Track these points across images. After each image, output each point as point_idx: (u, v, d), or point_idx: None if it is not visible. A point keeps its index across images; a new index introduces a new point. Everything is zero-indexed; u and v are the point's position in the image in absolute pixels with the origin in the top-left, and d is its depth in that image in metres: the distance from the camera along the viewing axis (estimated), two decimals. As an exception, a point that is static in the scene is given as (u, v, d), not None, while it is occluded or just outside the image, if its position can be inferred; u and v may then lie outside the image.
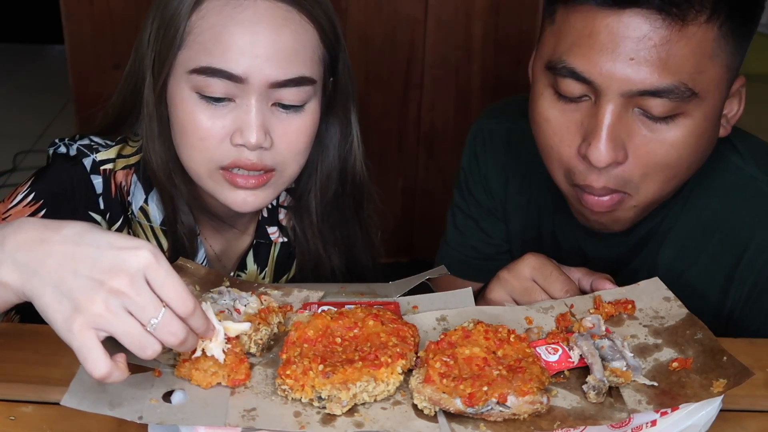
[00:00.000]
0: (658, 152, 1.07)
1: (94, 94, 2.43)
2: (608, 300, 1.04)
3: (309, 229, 1.32)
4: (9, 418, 0.94)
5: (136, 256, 0.80)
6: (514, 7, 2.27)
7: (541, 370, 0.89)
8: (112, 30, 2.38)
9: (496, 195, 1.40)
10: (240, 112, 1.13)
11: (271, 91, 1.13)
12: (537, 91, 1.14)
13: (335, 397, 0.86)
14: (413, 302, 1.06)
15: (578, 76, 1.05)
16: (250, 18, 1.11)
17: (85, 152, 1.20)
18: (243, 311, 0.98)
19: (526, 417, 0.86)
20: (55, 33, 2.88)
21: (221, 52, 1.11)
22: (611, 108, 1.05)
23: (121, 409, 0.84)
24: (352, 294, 1.08)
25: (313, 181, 1.30)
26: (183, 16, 1.13)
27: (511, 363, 0.89)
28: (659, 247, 1.24)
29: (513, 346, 0.91)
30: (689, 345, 0.97)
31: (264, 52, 1.11)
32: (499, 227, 1.42)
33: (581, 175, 1.11)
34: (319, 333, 0.93)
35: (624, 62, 1.02)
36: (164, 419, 0.84)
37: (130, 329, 0.80)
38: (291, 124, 1.16)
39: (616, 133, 1.06)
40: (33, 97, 3.98)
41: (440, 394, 0.86)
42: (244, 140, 1.12)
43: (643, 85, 1.02)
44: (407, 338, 0.93)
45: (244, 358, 0.92)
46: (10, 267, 0.83)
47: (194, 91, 1.13)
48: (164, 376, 0.90)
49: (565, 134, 1.11)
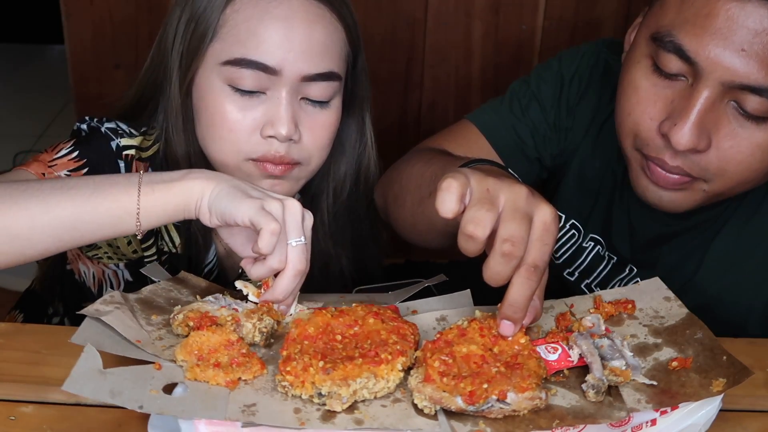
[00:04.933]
0: (742, 150, 1.05)
1: (94, 94, 2.44)
2: (608, 300, 1.04)
3: (320, 229, 1.33)
4: (9, 418, 0.94)
5: (293, 202, 0.99)
6: (514, 7, 2.27)
7: (537, 363, 0.89)
8: (112, 30, 2.38)
9: (564, 123, 1.37)
10: (271, 105, 1.16)
11: (301, 85, 1.16)
12: (633, 58, 1.11)
13: (335, 394, 0.86)
14: (412, 307, 1.06)
15: (683, 54, 1.03)
16: (285, 13, 1.15)
17: (110, 136, 1.22)
18: (241, 310, 0.98)
19: (525, 413, 0.86)
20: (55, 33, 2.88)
21: (256, 44, 1.14)
22: (707, 94, 1.03)
23: (121, 398, 0.84)
24: (351, 303, 1.08)
25: (326, 182, 1.32)
26: (216, 8, 1.16)
27: (508, 359, 0.89)
28: (714, 235, 1.23)
29: (508, 342, 0.91)
30: (689, 344, 0.97)
31: (298, 46, 1.14)
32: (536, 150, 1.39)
33: (655, 149, 1.09)
34: (320, 330, 0.93)
35: (734, 51, 1.00)
36: (164, 410, 0.84)
37: (273, 233, 0.94)
38: (318, 118, 1.19)
39: (704, 120, 1.04)
40: (33, 97, 3.98)
41: (441, 393, 0.86)
42: (275, 131, 1.15)
43: (747, 79, 1.01)
44: (407, 336, 0.93)
45: (253, 353, 0.93)
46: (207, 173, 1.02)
47: (226, 83, 1.15)
48: (165, 369, 0.90)
49: (650, 107, 1.09)
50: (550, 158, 1.38)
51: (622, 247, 1.32)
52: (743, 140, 1.05)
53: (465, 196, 0.88)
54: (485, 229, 0.85)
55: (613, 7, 2.23)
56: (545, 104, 1.37)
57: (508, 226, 0.86)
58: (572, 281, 1.38)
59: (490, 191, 0.88)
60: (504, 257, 0.85)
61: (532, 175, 1.39)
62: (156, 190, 1.00)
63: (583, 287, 1.38)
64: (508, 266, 0.86)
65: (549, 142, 1.38)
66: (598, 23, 2.23)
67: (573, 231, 1.38)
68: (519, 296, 0.87)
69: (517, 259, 0.86)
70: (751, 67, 1.00)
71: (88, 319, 0.95)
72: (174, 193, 1.00)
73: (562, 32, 2.23)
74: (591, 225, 1.35)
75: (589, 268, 1.36)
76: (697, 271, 1.25)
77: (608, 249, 1.34)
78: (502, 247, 0.85)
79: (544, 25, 2.25)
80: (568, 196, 1.38)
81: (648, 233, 1.28)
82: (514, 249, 0.85)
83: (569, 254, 1.38)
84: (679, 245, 1.26)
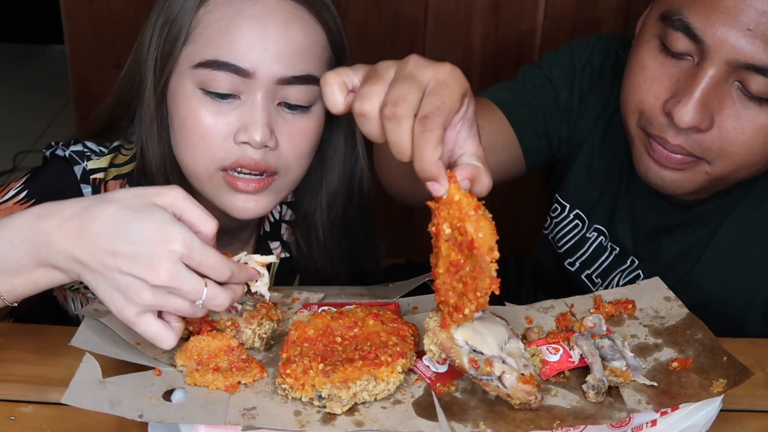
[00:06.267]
0: (744, 131, 1.06)
1: (94, 94, 2.44)
2: (608, 300, 1.04)
3: (316, 247, 1.29)
4: (9, 418, 0.94)
5: (170, 251, 0.84)
6: (514, 7, 2.27)
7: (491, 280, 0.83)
8: (112, 30, 2.38)
9: (576, 108, 1.37)
10: (245, 109, 1.10)
11: (277, 89, 1.10)
12: (642, 39, 1.13)
13: (335, 396, 0.86)
14: (413, 303, 1.06)
15: (690, 32, 1.04)
16: (259, 12, 1.09)
17: (76, 159, 1.18)
18: (240, 309, 0.98)
19: (516, 404, 0.86)
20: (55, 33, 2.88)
21: (229, 44, 1.08)
22: (712, 73, 1.04)
23: (121, 407, 0.84)
24: (352, 296, 1.08)
25: (318, 198, 1.27)
26: (189, 10, 1.11)
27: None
28: (716, 229, 1.23)
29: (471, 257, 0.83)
30: (689, 345, 0.97)
31: (273, 47, 1.09)
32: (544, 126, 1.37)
33: (658, 127, 1.10)
34: (319, 332, 0.93)
35: (741, 31, 1.01)
36: (164, 418, 0.84)
37: (179, 307, 0.87)
38: (296, 124, 1.13)
39: (708, 99, 1.05)
40: (33, 97, 3.98)
41: (453, 344, 0.86)
42: (248, 137, 1.09)
43: (752, 58, 1.02)
44: (407, 337, 0.93)
45: (252, 358, 0.93)
46: (62, 260, 0.88)
47: (198, 87, 1.10)
48: (165, 375, 0.90)
49: (656, 86, 1.10)
50: (558, 141, 1.38)
51: (624, 238, 1.32)
52: (746, 122, 1.06)
53: (347, 84, 0.83)
54: (372, 102, 0.80)
55: (613, 7, 2.22)
56: (557, 86, 1.37)
57: (390, 91, 0.80)
58: (573, 272, 1.39)
59: (378, 70, 0.83)
60: (389, 121, 0.79)
61: (544, 153, 1.39)
62: (14, 281, 0.92)
63: (584, 278, 1.38)
64: (398, 131, 0.78)
65: (559, 124, 1.38)
66: (598, 23, 2.23)
67: (577, 221, 1.38)
68: (420, 152, 0.79)
69: (405, 120, 0.78)
70: (756, 47, 1.01)
71: (87, 319, 0.95)
72: (34, 279, 0.92)
73: (562, 32, 2.23)
74: (596, 216, 1.36)
75: (591, 259, 1.37)
76: (698, 264, 1.25)
77: (611, 240, 1.34)
78: (384, 112, 0.79)
79: (544, 25, 2.24)
80: (575, 187, 1.38)
81: (650, 224, 1.28)
82: (396, 109, 0.78)
83: (572, 244, 1.38)
84: (680, 237, 1.26)
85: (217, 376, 0.89)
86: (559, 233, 1.41)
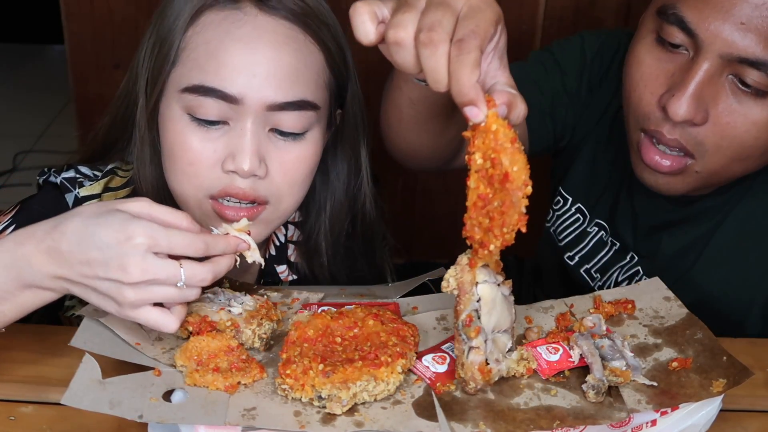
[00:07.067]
0: (738, 126, 1.07)
1: (94, 94, 2.44)
2: (608, 300, 1.04)
3: (320, 272, 1.25)
4: (9, 418, 0.94)
5: (135, 245, 0.87)
6: (514, 7, 2.27)
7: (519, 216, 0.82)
8: (112, 30, 2.38)
9: (584, 97, 1.37)
10: (233, 136, 1.05)
11: (268, 115, 1.05)
12: (640, 35, 1.14)
13: (335, 397, 0.86)
14: (413, 303, 1.06)
15: (684, 26, 1.05)
16: (248, 34, 1.05)
17: (68, 187, 1.15)
18: (241, 309, 0.98)
19: (458, 376, 0.88)
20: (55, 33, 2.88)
21: (215, 69, 1.04)
22: (706, 67, 1.05)
23: (121, 408, 0.84)
24: (352, 295, 1.08)
25: (322, 220, 1.23)
26: (179, 30, 1.07)
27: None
28: (717, 227, 1.24)
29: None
30: (689, 345, 0.97)
31: (262, 71, 1.04)
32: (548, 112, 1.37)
33: (655, 121, 1.11)
34: (319, 332, 0.93)
35: (734, 24, 1.02)
36: (164, 418, 0.84)
37: (166, 295, 0.89)
38: (289, 152, 1.08)
39: (702, 92, 1.06)
40: (33, 97, 3.98)
41: (470, 289, 0.86)
42: (236, 166, 1.04)
43: (745, 52, 1.02)
44: (407, 338, 0.93)
45: (252, 358, 0.93)
46: (47, 280, 0.91)
47: (186, 112, 1.06)
48: (164, 375, 0.90)
49: (652, 81, 1.11)
50: (563, 127, 1.38)
51: (625, 233, 1.33)
52: (740, 116, 1.06)
53: (377, 15, 0.82)
54: (407, 29, 0.78)
55: (613, 7, 2.23)
56: (567, 71, 1.37)
57: (423, 18, 0.78)
58: (572, 265, 1.39)
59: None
60: (425, 47, 0.77)
61: (547, 138, 1.39)
62: (2, 307, 0.94)
63: (583, 272, 1.38)
64: (434, 56, 0.77)
65: (566, 110, 1.38)
66: (598, 22, 2.23)
67: (578, 215, 1.39)
68: (457, 76, 0.77)
69: (441, 44, 0.77)
70: (749, 41, 1.02)
71: (87, 320, 0.95)
72: (21, 302, 0.94)
73: (562, 32, 2.23)
74: (598, 210, 1.36)
75: (591, 254, 1.37)
76: (699, 262, 1.26)
77: (612, 235, 1.35)
78: (419, 38, 0.77)
79: (544, 25, 2.24)
80: (578, 181, 1.39)
81: (650, 219, 1.29)
82: (432, 34, 0.77)
83: (572, 238, 1.39)
84: (680, 234, 1.26)
85: (216, 377, 0.89)
86: (561, 226, 1.41)
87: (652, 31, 1.11)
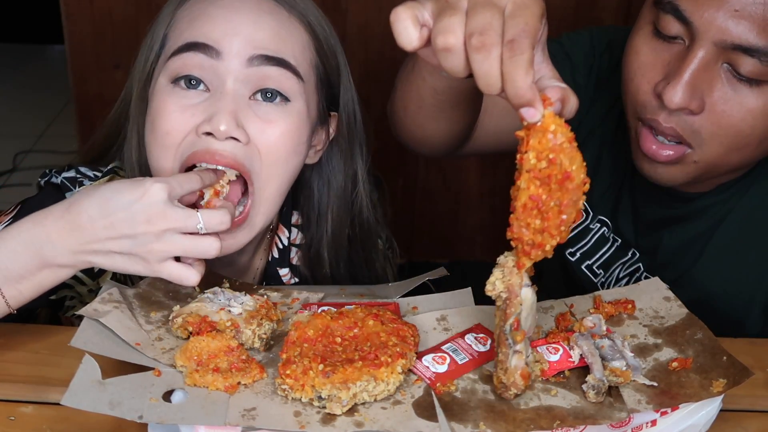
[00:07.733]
0: (734, 114, 1.07)
1: (94, 94, 2.44)
2: (608, 300, 1.04)
3: (323, 281, 1.26)
4: (9, 418, 0.94)
5: (154, 196, 0.94)
6: (514, 7, 2.27)
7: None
8: (112, 30, 2.38)
9: (591, 91, 1.37)
10: (213, 102, 1.04)
11: (249, 73, 1.05)
12: (637, 26, 1.14)
13: (335, 397, 0.86)
14: (413, 303, 1.06)
15: (679, 15, 1.06)
16: (232, 3, 1.08)
17: (68, 186, 1.16)
18: (241, 309, 0.98)
19: (497, 382, 0.88)
20: (55, 33, 2.89)
21: (199, 27, 1.07)
22: (701, 54, 1.05)
23: (121, 409, 0.84)
24: (352, 295, 1.08)
25: (324, 229, 1.23)
26: (167, 16, 1.12)
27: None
28: (718, 225, 1.24)
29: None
30: (689, 345, 0.97)
31: (244, 30, 1.06)
32: None
33: (651, 110, 1.11)
34: (319, 333, 0.93)
35: (728, 12, 1.02)
36: (164, 418, 0.84)
37: (189, 246, 0.96)
38: (271, 120, 1.06)
39: (697, 80, 1.06)
40: (33, 97, 3.98)
41: (518, 293, 0.84)
42: (212, 127, 1.02)
43: (739, 39, 1.03)
44: (407, 338, 0.93)
45: (252, 359, 0.93)
46: (68, 256, 0.96)
47: (170, 81, 1.07)
48: (164, 375, 0.90)
49: (649, 70, 1.11)
50: (568, 121, 1.38)
51: (626, 230, 1.33)
52: (735, 104, 1.07)
53: (419, 18, 0.81)
54: (456, 34, 0.77)
55: (613, 7, 2.23)
56: (576, 62, 1.38)
57: (470, 20, 0.77)
58: (573, 261, 1.39)
59: (449, 0, 0.79)
60: (478, 52, 0.76)
61: None
62: (20, 286, 0.97)
63: (584, 268, 1.38)
64: (488, 61, 0.76)
65: None
66: (598, 22, 2.23)
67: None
68: (512, 78, 0.76)
69: (495, 48, 0.76)
70: (743, 28, 1.03)
71: (87, 320, 0.95)
72: (39, 280, 0.98)
73: (562, 32, 2.23)
74: (600, 207, 1.36)
75: (592, 250, 1.37)
76: (700, 259, 1.26)
77: (614, 231, 1.35)
78: (471, 43, 0.76)
79: (544, 25, 2.25)
80: None
81: (651, 215, 1.29)
82: (484, 38, 0.75)
83: (574, 234, 1.39)
84: (681, 231, 1.27)
85: (216, 377, 0.89)
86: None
87: (649, 23, 1.12)
